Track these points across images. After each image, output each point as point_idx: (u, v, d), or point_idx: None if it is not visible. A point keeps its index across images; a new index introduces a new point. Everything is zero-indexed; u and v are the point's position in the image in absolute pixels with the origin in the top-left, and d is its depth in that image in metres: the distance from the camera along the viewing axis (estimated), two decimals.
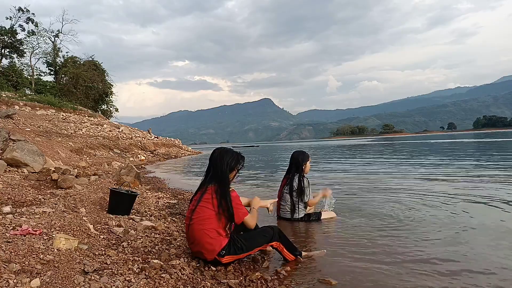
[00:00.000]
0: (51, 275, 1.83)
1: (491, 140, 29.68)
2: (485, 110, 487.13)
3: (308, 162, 4.21)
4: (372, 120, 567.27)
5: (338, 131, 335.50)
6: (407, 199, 5.03)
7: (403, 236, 3.24)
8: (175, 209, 4.57)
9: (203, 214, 2.46)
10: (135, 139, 22.07)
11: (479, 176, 7.21)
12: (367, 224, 3.73)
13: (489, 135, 51.19)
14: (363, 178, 8.03)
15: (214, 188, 2.51)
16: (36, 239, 2.29)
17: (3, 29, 29.04)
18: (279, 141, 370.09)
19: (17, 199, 3.50)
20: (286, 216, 4.10)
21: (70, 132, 16.34)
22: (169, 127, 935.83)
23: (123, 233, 2.95)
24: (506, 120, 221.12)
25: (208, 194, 2.50)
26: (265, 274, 2.35)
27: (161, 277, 2.10)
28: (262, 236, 2.59)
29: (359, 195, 5.59)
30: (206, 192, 2.53)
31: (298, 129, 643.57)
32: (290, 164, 4.25)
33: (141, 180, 6.82)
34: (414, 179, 7.32)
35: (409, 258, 2.65)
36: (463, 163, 10.14)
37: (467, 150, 17.35)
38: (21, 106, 18.66)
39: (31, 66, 31.56)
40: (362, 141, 65.17)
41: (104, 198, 4.31)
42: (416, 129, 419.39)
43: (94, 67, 33.16)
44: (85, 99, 31.55)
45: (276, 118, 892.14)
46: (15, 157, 5.47)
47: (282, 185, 4.25)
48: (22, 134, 9.88)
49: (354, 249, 2.90)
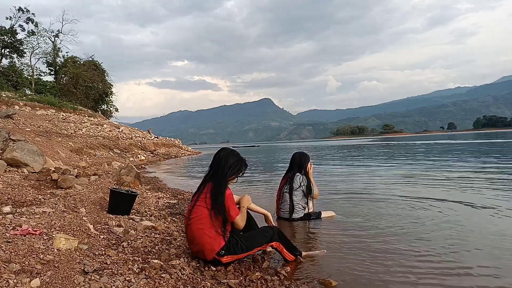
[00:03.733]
0: (51, 275, 1.83)
1: (492, 140, 29.70)
2: (485, 110, 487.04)
3: (309, 163, 4.23)
4: (372, 120, 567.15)
5: (338, 131, 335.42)
6: (407, 199, 5.02)
7: (403, 236, 3.24)
8: (175, 209, 4.57)
9: (200, 213, 2.46)
10: (135, 139, 22.07)
11: (478, 178, 7.19)
12: (367, 224, 3.73)
13: (489, 135, 51.17)
14: (363, 178, 8.03)
15: (211, 186, 2.52)
16: (36, 239, 2.29)
17: (3, 29, 29.03)
18: (279, 141, 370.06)
19: (17, 199, 3.50)
20: (285, 216, 4.10)
21: (70, 132, 16.34)
22: (169, 127, 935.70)
23: (123, 233, 2.96)
24: (506, 120, 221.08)
25: (204, 194, 2.51)
26: (265, 274, 2.35)
27: (161, 277, 2.10)
28: (262, 236, 2.59)
29: (359, 195, 5.59)
30: (203, 191, 2.54)
31: (298, 129, 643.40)
32: (290, 164, 4.27)
33: (141, 180, 6.82)
34: (414, 179, 7.32)
35: (409, 258, 2.65)
36: (463, 165, 10.13)
37: (468, 151, 17.34)
38: (21, 106, 18.66)
39: (31, 66, 31.56)
40: (362, 141, 65.17)
41: (104, 198, 4.31)
42: (416, 129, 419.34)
43: (94, 67, 33.16)
44: (85, 99, 31.55)
45: (276, 118, 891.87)
46: (15, 157, 5.47)
47: (281, 185, 4.25)
48: (22, 134, 9.88)
49: (354, 249, 2.90)
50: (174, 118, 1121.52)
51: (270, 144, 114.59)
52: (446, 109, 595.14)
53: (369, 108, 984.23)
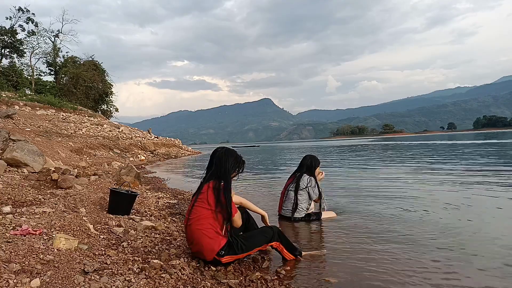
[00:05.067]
0: (51, 275, 1.83)
1: (493, 141, 29.71)
2: (485, 110, 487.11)
3: (318, 168, 4.29)
4: (372, 120, 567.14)
5: (338, 131, 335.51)
6: (407, 200, 5.03)
7: (403, 236, 3.24)
8: (175, 209, 4.57)
9: (200, 213, 2.45)
10: (135, 139, 22.08)
11: (478, 182, 7.18)
12: (367, 224, 3.73)
13: (489, 136, 51.16)
14: (364, 178, 8.03)
15: (212, 184, 2.50)
16: (36, 239, 2.29)
17: (3, 29, 29.05)
18: (279, 141, 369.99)
19: (17, 199, 3.50)
20: (287, 215, 4.11)
21: (70, 132, 16.34)
22: (169, 127, 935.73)
23: (123, 233, 2.96)
24: (506, 120, 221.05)
25: (204, 194, 2.49)
26: (265, 274, 2.35)
27: (161, 277, 2.10)
28: (262, 236, 2.58)
29: (359, 195, 5.59)
30: (201, 192, 2.52)
31: (298, 129, 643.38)
32: (300, 165, 4.31)
33: (141, 180, 6.81)
34: (414, 180, 7.32)
35: (409, 258, 2.65)
36: (463, 166, 10.12)
37: (468, 152, 17.34)
38: (21, 106, 18.67)
39: (31, 66, 31.58)
40: (362, 141, 65.16)
41: (104, 198, 4.31)
42: (416, 129, 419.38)
43: (94, 67, 33.18)
44: (85, 99, 31.56)
45: (276, 118, 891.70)
46: (15, 157, 5.47)
47: (287, 183, 4.28)
48: (22, 134, 9.89)
49: (354, 249, 2.90)
50: (174, 118, 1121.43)
51: (270, 144, 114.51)
52: (446, 109, 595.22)
53: (369, 108, 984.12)
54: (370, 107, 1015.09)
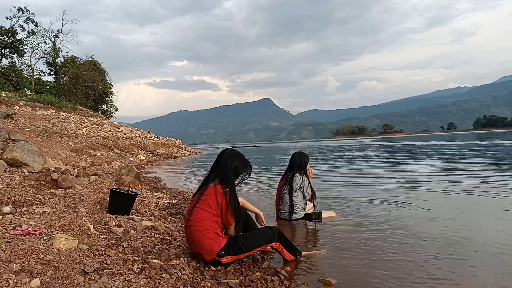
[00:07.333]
0: (51, 275, 1.83)
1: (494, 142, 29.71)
2: (485, 110, 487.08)
3: (308, 164, 4.21)
4: (372, 120, 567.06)
5: (338, 131, 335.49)
6: (407, 200, 5.02)
7: (404, 236, 3.23)
8: (175, 209, 4.57)
9: (200, 215, 2.44)
10: (135, 139, 22.08)
11: (477, 179, 7.18)
12: (367, 224, 3.73)
13: (489, 136, 51.16)
14: (365, 179, 8.03)
15: (219, 188, 2.47)
16: (36, 239, 2.29)
17: (3, 29, 29.05)
18: (279, 141, 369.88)
19: (17, 199, 3.50)
20: (285, 217, 4.07)
21: (70, 132, 16.34)
22: (169, 127, 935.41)
23: (123, 233, 2.96)
24: (506, 120, 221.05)
25: (207, 196, 2.46)
26: (265, 274, 2.35)
27: (161, 277, 2.10)
28: (262, 237, 2.58)
29: (359, 195, 5.58)
30: (204, 194, 2.49)
31: (298, 129, 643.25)
32: (290, 165, 4.23)
33: (141, 180, 6.81)
34: (415, 181, 7.31)
35: (409, 258, 2.65)
36: (461, 166, 10.12)
37: (468, 152, 17.33)
38: (21, 106, 18.67)
39: (31, 66, 31.57)
40: (362, 141, 65.13)
41: (104, 198, 4.31)
42: (416, 129, 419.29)
43: (94, 67, 33.19)
44: (85, 99, 31.56)
45: (276, 118, 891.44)
46: (15, 157, 5.47)
47: (280, 186, 4.21)
48: (22, 134, 9.89)
49: (354, 249, 2.90)
50: (174, 118, 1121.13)
51: (270, 144, 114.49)
52: (446, 109, 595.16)
53: (369, 108, 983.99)
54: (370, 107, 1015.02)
